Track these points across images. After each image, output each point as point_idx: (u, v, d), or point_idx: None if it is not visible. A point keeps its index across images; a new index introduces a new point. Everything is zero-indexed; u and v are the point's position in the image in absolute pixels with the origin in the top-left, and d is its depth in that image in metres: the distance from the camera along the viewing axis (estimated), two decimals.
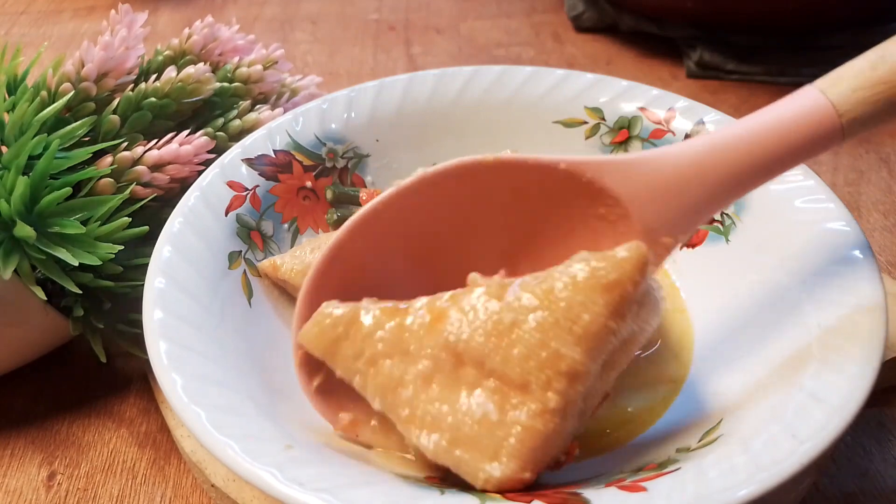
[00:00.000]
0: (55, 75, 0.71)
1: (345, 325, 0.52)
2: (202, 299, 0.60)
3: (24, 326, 0.64)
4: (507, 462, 0.46)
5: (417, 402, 0.49)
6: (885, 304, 0.54)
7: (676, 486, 0.46)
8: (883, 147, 1.02)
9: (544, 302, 0.47)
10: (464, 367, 0.48)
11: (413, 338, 0.49)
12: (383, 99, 0.81)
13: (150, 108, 0.73)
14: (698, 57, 1.18)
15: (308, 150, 0.77)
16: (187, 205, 0.66)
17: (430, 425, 0.48)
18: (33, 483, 0.64)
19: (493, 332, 0.47)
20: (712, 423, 0.54)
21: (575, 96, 0.81)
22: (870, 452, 0.64)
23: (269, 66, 0.85)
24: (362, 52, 1.30)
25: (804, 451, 0.46)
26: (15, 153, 0.62)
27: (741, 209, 0.69)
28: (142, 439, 0.67)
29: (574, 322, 0.46)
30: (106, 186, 0.67)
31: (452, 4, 1.46)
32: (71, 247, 0.60)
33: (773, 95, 1.18)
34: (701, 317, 0.67)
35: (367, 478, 0.48)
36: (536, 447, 0.46)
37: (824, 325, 0.55)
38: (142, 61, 0.80)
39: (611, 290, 0.47)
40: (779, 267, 0.63)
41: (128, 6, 0.77)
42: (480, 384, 0.47)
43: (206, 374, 0.53)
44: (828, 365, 0.51)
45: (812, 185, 0.65)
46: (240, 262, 0.67)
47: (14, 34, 1.36)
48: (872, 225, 0.89)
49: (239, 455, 0.47)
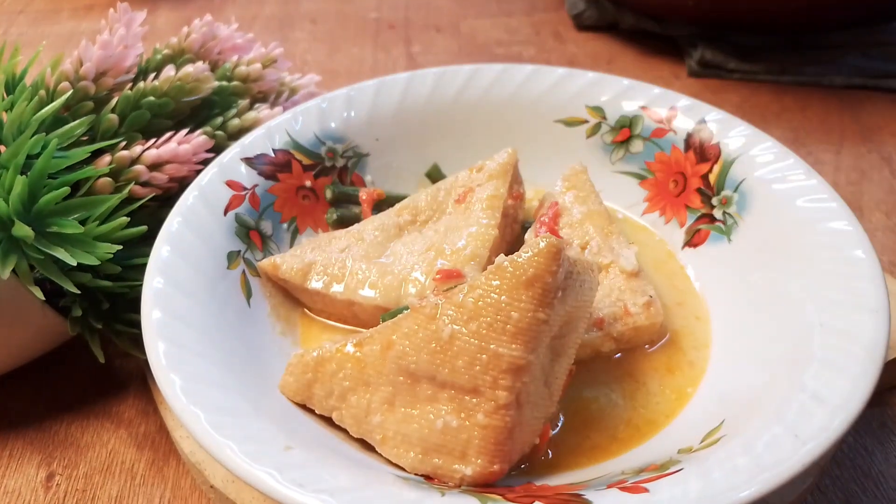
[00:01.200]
0: (53, 74, 0.71)
1: (312, 371, 0.57)
2: (201, 299, 0.60)
3: (22, 326, 0.64)
4: (475, 460, 0.51)
5: (387, 424, 0.54)
6: (887, 304, 0.54)
7: (679, 487, 0.45)
8: (885, 146, 1.02)
9: (473, 311, 0.51)
10: (420, 385, 0.53)
11: (370, 369, 0.54)
12: (383, 98, 0.81)
13: (148, 106, 0.73)
14: (700, 55, 1.18)
15: (307, 149, 0.77)
16: (186, 204, 0.66)
17: (403, 443, 0.53)
18: (32, 484, 0.64)
19: (437, 349, 0.52)
20: (714, 423, 0.54)
21: (576, 95, 0.81)
22: (872, 453, 0.64)
23: (268, 64, 0.85)
24: (362, 51, 1.29)
25: (806, 451, 0.46)
26: (13, 152, 0.62)
27: (743, 208, 0.69)
28: (140, 440, 0.67)
29: (505, 322, 0.50)
30: (104, 186, 0.67)
31: (453, 3, 1.45)
32: (69, 246, 0.60)
33: (775, 94, 1.18)
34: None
35: (367, 479, 0.48)
36: (500, 441, 0.51)
37: (826, 326, 0.54)
38: (140, 60, 0.79)
39: (531, 285, 0.50)
40: (780, 266, 0.63)
41: (126, 5, 0.77)
42: (438, 396, 0.52)
43: (205, 375, 0.53)
44: (830, 365, 0.51)
45: (814, 185, 0.65)
46: (239, 262, 0.67)
47: (12, 33, 1.36)
48: (875, 225, 0.89)
49: (238, 456, 0.47)
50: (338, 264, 0.67)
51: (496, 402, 0.50)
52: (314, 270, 0.67)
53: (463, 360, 0.50)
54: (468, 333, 0.50)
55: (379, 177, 0.81)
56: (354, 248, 0.68)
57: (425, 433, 0.51)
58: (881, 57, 1.16)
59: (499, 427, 0.50)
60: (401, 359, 0.52)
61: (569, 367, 0.56)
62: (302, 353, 0.57)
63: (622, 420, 0.59)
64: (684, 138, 0.75)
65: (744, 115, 0.78)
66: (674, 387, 0.61)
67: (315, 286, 0.66)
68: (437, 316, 0.52)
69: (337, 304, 0.66)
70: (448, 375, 0.51)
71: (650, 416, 0.59)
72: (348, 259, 0.67)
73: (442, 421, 0.51)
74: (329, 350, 0.56)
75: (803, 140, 1.03)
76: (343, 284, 0.65)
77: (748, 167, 0.70)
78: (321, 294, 0.66)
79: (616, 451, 0.57)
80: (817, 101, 1.10)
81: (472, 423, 0.50)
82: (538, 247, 0.50)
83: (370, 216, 0.73)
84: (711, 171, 0.73)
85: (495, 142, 0.80)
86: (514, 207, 0.71)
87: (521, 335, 0.50)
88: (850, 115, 1.08)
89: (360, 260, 0.67)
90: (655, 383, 0.62)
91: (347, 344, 0.55)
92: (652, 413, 0.60)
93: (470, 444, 0.50)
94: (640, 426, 0.59)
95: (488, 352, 0.50)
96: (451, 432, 0.51)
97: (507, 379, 0.50)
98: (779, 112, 1.08)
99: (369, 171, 0.80)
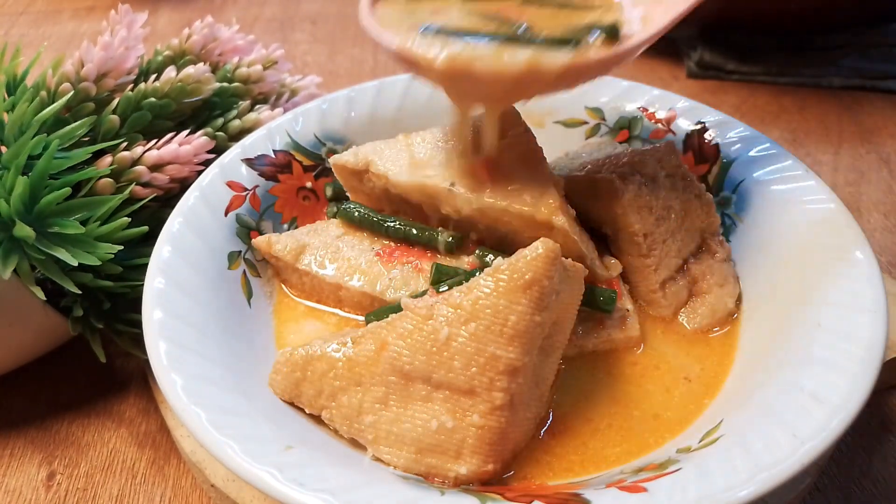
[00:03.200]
0: (55, 75, 0.71)
1: (301, 369, 0.57)
2: (202, 299, 0.60)
3: (23, 326, 0.64)
4: (470, 460, 0.51)
5: (380, 424, 0.54)
6: (885, 304, 0.54)
7: (677, 486, 0.46)
8: (883, 147, 1.02)
9: (472, 313, 0.51)
10: (414, 385, 0.53)
11: (363, 369, 0.54)
12: (383, 99, 0.81)
13: (149, 108, 0.73)
14: (699, 57, 1.18)
15: (308, 150, 0.77)
16: (187, 205, 0.66)
17: (396, 443, 0.53)
18: (33, 482, 0.64)
19: (433, 350, 0.52)
20: (713, 423, 0.54)
21: (575, 96, 0.81)
22: (870, 452, 0.64)
23: (268, 66, 0.85)
24: (362, 52, 1.29)
25: (805, 451, 0.46)
26: (14, 153, 0.62)
27: (742, 209, 0.69)
28: (141, 439, 0.67)
29: (503, 325, 0.51)
30: (105, 186, 0.67)
31: None
32: (70, 247, 0.60)
33: (774, 95, 1.18)
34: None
35: (366, 478, 0.48)
36: (494, 441, 0.51)
37: (825, 326, 0.54)
38: (141, 61, 0.80)
39: (529, 288, 0.51)
40: (779, 267, 0.63)
41: (127, 6, 0.77)
42: (432, 397, 0.52)
43: (205, 375, 0.53)
44: (828, 365, 0.51)
45: (813, 186, 0.65)
46: (239, 263, 0.67)
47: (13, 34, 1.36)
48: (873, 225, 0.89)
49: (239, 455, 0.47)
50: (331, 248, 0.68)
51: (492, 403, 0.50)
52: (307, 252, 0.68)
53: (459, 361, 0.51)
54: (465, 335, 0.51)
55: None
56: (349, 236, 0.69)
57: (419, 433, 0.52)
58: (880, 58, 1.16)
59: (494, 428, 0.50)
60: (395, 359, 0.52)
61: (556, 367, 0.56)
62: (290, 351, 0.57)
63: (621, 418, 0.59)
64: (683, 139, 0.75)
65: (742, 117, 0.79)
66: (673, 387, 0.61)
67: (305, 267, 0.67)
68: (433, 316, 0.52)
69: (325, 288, 0.67)
70: (444, 376, 0.51)
71: (675, 422, 0.59)
72: (342, 244, 0.68)
73: (437, 421, 0.51)
74: (318, 349, 0.56)
75: (802, 141, 1.03)
76: (334, 267, 0.66)
77: (747, 168, 0.70)
78: (310, 275, 0.67)
79: (615, 450, 0.57)
80: (816, 102, 1.10)
81: (467, 423, 0.51)
82: (536, 251, 0.51)
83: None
84: (710, 172, 0.73)
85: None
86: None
87: (518, 338, 0.50)
88: (848, 116, 1.08)
89: (354, 248, 0.68)
90: (655, 383, 0.62)
91: (337, 343, 0.55)
92: (651, 413, 0.60)
93: (465, 445, 0.51)
94: (635, 425, 0.59)
95: (485, 354, 0.50)
96: (446, 432, 0.51)
97: (504, 380, 0.50)
98: (777, 113, 1.09)
99: None
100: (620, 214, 0.64)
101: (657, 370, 0.62)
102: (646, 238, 0.64)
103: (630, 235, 0.65)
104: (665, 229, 0.65)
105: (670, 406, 0.59)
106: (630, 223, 0.64)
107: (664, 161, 0.65)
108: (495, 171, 0.62)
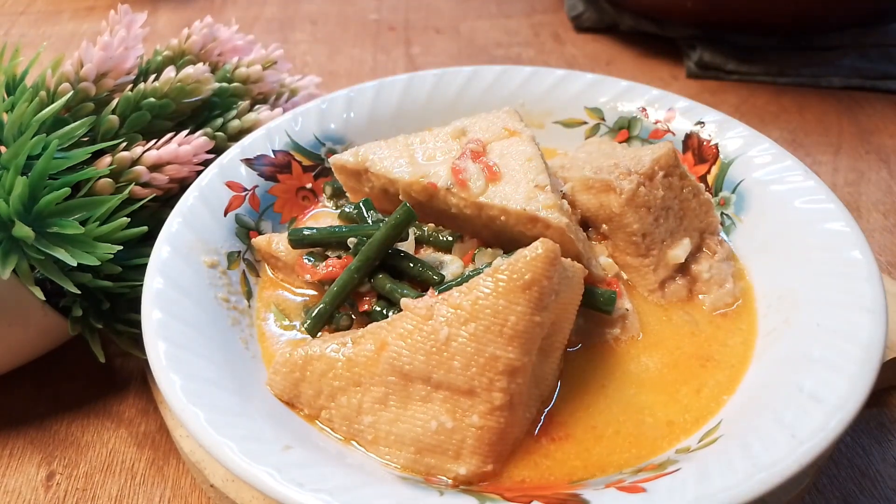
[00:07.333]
0: (54, 75, 0.71)
1: (300, 370, 0.57)
2: (201, 300, 0.60)
3: (22, 326, 0.64)
4: (469, 460, 0.51)
5: (379, 424, 0.54)
6: (885, 304, 0.54)
7: (676, 486, 0.46)
8: (883, 148, 1.02)
9: (472, 313, 0.51)
10: (414, 385, 0.53)
11: (362, 369, 0.54)
12: (383, 99, 0.81)
13: (149, 108, 0.73)
14: (698, 57, 1.18)
15: (307, 150, 0.77)
16: (186, 205, 0.66)
17: (395, 443, 0.53)
18: (32, 483, 0.64)
19: (433, 351, 0.52)
20: (712, 423, 0.54)
21: (575, 96, 0.81)
22: (869, 453, 0.64)
23: (268, 66, 0.85)
24: (362, 52, 1.30)
25: (803, 451, 0.46)
26: (14, 153, 0.62)
27: (741, 209, 0.69)
28: (140, 439, 0.67)
29: (503, 325, 0.51)
30: (105, 186, 0.67)
31: (452, 4, 1.46)
32: (70, 247, 0.60)
33: (773, 95, 1.18)
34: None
35: (366, 478, 0.48)
36: (493, 442, 0.51)
37: (824, 326, 0.54)
38: (141, 61, 0.80)
39: (529, 289, 0.51)
40: (778, 267, 0.63)
41: (127, 6, 0.77)
42: (432, 397, 0.52)
43: (204, 375, 0.53)
44: (827, 365, 0.51)
45: (812, 186, 0.65)
46: (239, 263, 0.67)
47: (13, 34, 1.36)
48: (872, 225, 0.89)
49: (238, 455, 0.47)
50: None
51: (492, 403, 0.50)
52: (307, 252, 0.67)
53: (459, 361, 0.51)
54: (465, 335, 0.51)
55: None
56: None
57: (419, 433, 0.52)
58: (879, 58, 1.16)
59: (493, 428, 0.51)
60: (395, 359, 0.52)
61: (556, 367, 0.56)
62: (289, 352, 0.57)
63: (620, 418, 0.59)
64: (682, 139, 0.76)
65: (742, 117, 0.79)
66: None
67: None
68: (433, 317, 0.52)
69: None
70: (443, 376, 0.51)
71: (689, 424, 0.59)
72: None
73: (436, 421, 0.51)
74: (317, 349, 0.56)
75: (801, 141, 1.03)
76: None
77: (746, 168, 0.70)
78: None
79: (612, 450, 0.57)
80: (815, 103, 1.10)
81: (466, 423, 0.51)
82: (536, 251, 0.51)
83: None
84: (710, 173, 0.73)
85: None
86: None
87: (518, 338, 0.50)
88: (848, 116, 1.08)
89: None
90: (653, 382, 0.62)
91: (336, 343, 0.55)
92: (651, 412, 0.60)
93: (464, 445, 0.51)
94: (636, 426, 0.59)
95: (485, 354, 0.50)
96: (446, 433, 0.51)
97: (503, 381, 0.50)
98: (777, 113, 1.09)
99: None
100: (619, 214, 0.64)
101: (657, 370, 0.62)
102: (644, 238, 0.64)
103: (629, 235, 0.65)
104: (664, 229, 0.65)
105: (677, 409, 0.58)
106: (629, 223, 0.64)
107: (663, 161, 0.65)
108: (494, 172, 0.62)
